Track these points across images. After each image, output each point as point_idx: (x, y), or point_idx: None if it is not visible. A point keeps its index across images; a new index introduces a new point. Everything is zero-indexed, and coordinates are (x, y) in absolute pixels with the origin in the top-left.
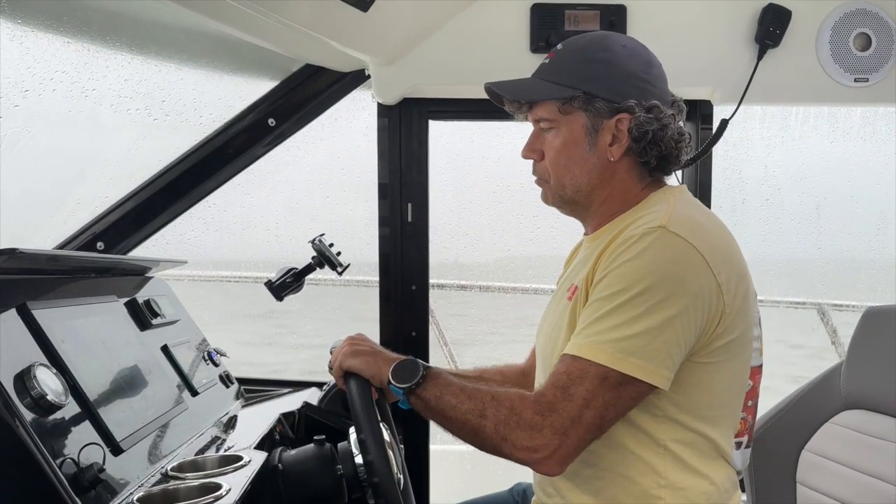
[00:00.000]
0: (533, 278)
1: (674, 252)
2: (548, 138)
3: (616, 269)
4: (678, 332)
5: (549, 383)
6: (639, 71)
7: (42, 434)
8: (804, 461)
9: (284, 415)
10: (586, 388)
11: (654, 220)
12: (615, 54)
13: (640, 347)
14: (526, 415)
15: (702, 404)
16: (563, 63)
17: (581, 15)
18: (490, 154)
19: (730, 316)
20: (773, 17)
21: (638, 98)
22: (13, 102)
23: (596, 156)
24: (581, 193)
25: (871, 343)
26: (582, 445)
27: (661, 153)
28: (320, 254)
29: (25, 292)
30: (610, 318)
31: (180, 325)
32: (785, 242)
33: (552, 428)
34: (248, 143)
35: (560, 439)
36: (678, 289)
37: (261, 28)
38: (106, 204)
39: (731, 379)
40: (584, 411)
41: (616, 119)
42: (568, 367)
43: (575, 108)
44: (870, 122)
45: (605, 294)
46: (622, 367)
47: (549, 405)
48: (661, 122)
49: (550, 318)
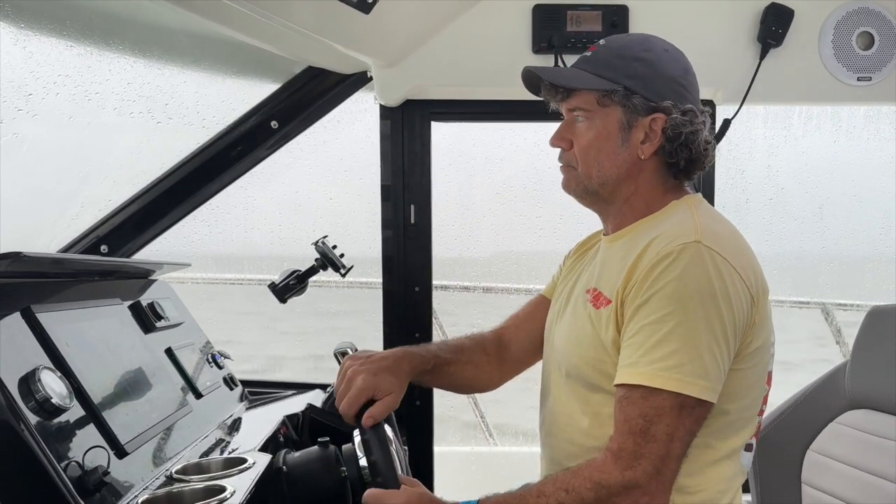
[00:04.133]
0: (535, 278)
1: (715, 267)
2: (580, 128)
3: (661, 289)
4: (729, 347)
5: (623, 432)
6: (677, 75)
7: (47, 437)
8: (809, 461)
9: (288, 417)
10: (666, 423)
11: (684, 233)
12: (657, 55)
13: (705, 369)
14: (614, 479)
15: (723, 409)
16: (606, 57)
17: (583, 15)
18: (493, 155)
19: (758, 325)
20: (776, 17)
21: (675, 100)
22: (17, 106)
23: (627, 151)
24: (606, 187)
25: (876, 342)
26: (676, 475)
27: (692, 156)
28: (323, 256)
29: (30, 296)
30: (669, 342)
31: (184, 327)
32: (788, 242)
33: (646, 475)
34: (251, 145)
35: (657, 481)
36: (724, 305)
37: (263, 31)
38: (109, 207)
39: (752, 384)
40: (670, 446)
41: (651, 118)
42: (641, 409)
43: (613, 101)
44: (873, 121)
45: (655, 317)
46: (695, 392)
47: (634, 455)
48: (694, 126)
49: (567, 322)
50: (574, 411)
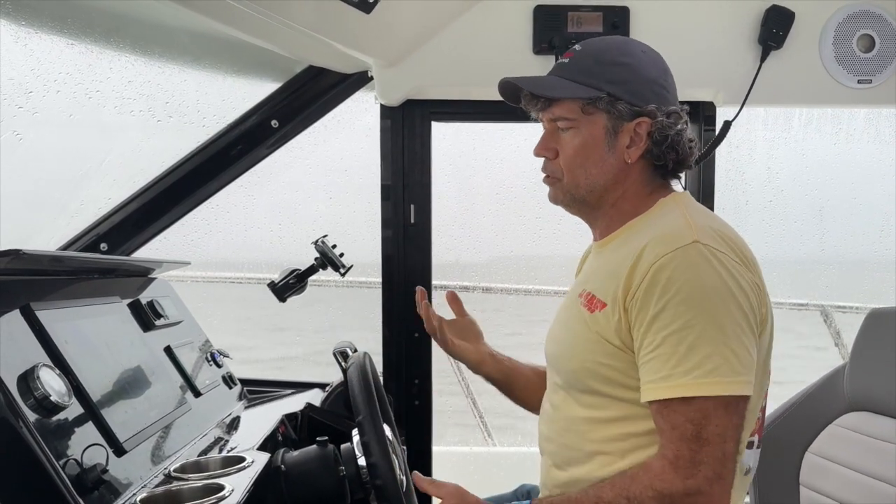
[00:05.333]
0: (535, 279)
1: (720, 264)
2: (565, 137)
3: (674, 296)
4: (754, 334)
5: (674, 440)
6: (658, 77)
7: (45, 435)
8: (808, 463)
9: (287, 416)
10: (716, 423)
11: (680, 234)
12: (637, 59)
13: (740, 363)
14: (676, 488)
15: None
16: (584, 63)
17: (584, 16)
18: (493, 155)
19: (766, 317)
20: (777, 19)
21: (657, 103)
22: (17, 104)
23: (614, 157)
24: (594, 194)
25: (875, 345)
26: (734, 474)
27: (679, 157)
28: (323, 255)
29: (29, 293)
30: (699, 348)
31: (183, 326)
32: (788, 244)
33: (708, 481)
34: (251, 144)
35: (720, 485)
36: (741, 296)
37: (264, 29)
38: (109, 205)
39: (758, 379)
40: (724, 447)
41: (636, 122)
42: (686, 415)
43: (598, 108)
44: (873, 124)
45: (677, 326)
46: (736, 391)
47: (692, 461)
48: (678, 126)
49: (562, 326)
50: (570, 415)
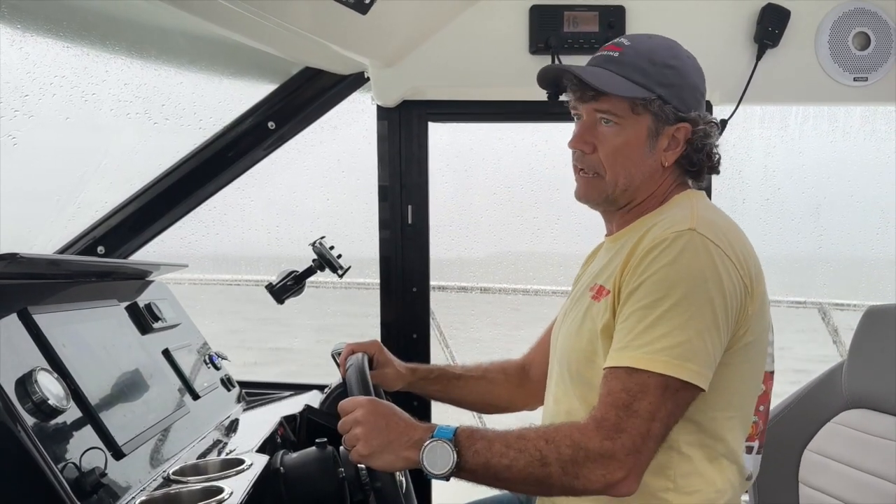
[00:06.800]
0: (533, 279)
1: (708, 254)
2: (606, 133)
3: (653, 275)
4: (721, 333)
5: (606, 404)
6: (700, 84)
7: (44, 439)
8: (806, 461)
9: (286, 418)
10: (649, 401)
11: (680, 222)
12: (685, 63)
13: (694, 352)
14: (593, 445)
15: (717, 405)
16: (635, 61)
17: (580, 16)
18: (490, 155)
19: (752, 318)
20: (772, 17)
21: (698, 110)
22: (13, 107)
23: (652, 159)
24: (627, 194)
25: (873, 342)
26: (652, 458)
27: (711, 164)
28: (321, 256)
29: (26, 297)
30: (659, 326)
31: (181, 328)
32: (785, 242)
33: (624, 449)
34: (248, 146)
35: (634, 458)
36: (717, 291)
37: (260, 31)
38: (106, 208)
39: (747, 381)
40: (651, 425)
41: (675, 127)
42: (625, 384)
43: (647, 110)
44: (869, 122)
45: (646, 302)
46: (681, 374)
47: (616, 427)
48: (715, 136)
49: (570, 319)
50: (572, 408)
